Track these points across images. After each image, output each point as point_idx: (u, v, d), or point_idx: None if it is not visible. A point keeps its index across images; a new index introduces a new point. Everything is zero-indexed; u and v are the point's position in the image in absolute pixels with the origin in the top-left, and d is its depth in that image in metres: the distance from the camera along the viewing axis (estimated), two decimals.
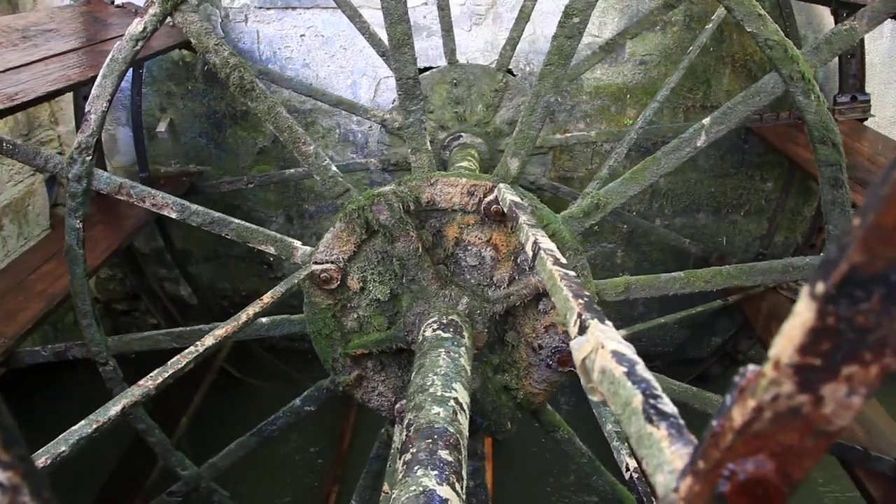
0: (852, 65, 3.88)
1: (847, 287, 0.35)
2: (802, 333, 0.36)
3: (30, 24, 2.95)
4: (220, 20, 4.34)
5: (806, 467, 0.41)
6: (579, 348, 0.75)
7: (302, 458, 4.28)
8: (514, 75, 4.21)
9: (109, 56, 2.13)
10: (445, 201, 2.22)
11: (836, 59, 3.95)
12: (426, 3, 4.29)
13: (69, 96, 4.23)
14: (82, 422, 1.43)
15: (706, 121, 2.10)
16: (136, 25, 2.08)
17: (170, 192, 4.12)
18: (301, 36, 4.40)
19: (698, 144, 2.12)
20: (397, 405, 2.49)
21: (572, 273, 1.01)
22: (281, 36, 4.38)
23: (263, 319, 2.53)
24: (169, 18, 2.12)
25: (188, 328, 2.57)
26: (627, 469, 1.95)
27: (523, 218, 1.58)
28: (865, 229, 0.34)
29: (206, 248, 5.05)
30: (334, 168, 2.29)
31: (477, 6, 4.35)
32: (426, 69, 4.22)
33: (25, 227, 4.09)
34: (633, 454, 1.98)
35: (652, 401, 0.59)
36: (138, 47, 2.11)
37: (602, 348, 0.72)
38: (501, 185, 2.12)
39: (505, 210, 1.96)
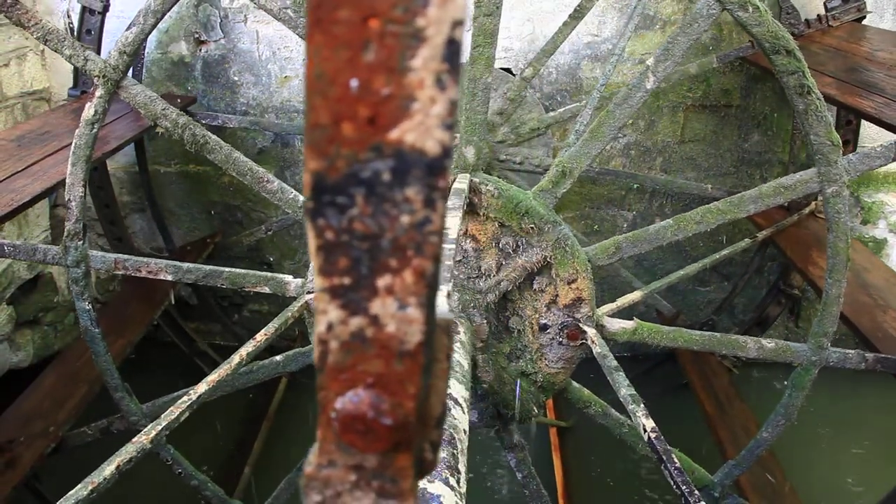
0: None
1: (323, 196, 0.33)
2: (315, 255, 0.34)
3: (24, 133, 3.17)
4: (219, 21, 4.33)
5: (412, 393, 0.38)
6: None
7: None
8: (513, 74, 4.14)
9: (73, 144, 2.25)
10: None
11: None
12: None
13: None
14: (79, 485, 1.51)
15: (650, 61, 2.02)
16: (88, 110, 2.20)
17: (195, 257, 4.31)
18: (300, 35, 4.42)
19: (648, 87, 2.03)
20: None
21: (449, 247, 0.99)
22: (280, 36, 4.32)
23: (277, 357, 2.59)
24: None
25: None
26: (644, 430, 1.88)
27: (448, 202, 1.56)
28: (308, 133, 0.32)
29: None
30: (302, 198, 2.33)
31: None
32: None
33: (25, 229, 4.10)
34: (648, 415, 1.91)
35: None
36: (95, 129, 2.23)
37: None
38: (459, 175, 2.10)
39: None
